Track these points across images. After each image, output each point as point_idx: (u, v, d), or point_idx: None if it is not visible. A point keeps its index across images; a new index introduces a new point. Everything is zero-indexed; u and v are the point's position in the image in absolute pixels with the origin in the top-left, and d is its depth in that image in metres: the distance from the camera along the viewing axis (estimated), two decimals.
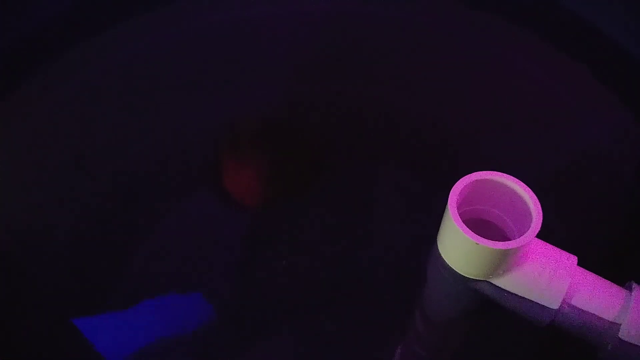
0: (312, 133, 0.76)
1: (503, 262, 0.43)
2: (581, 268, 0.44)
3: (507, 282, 0.44)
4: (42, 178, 0.72)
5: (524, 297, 0.44)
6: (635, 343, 0.42)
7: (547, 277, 0.43)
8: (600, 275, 0.45)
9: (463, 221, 0.42)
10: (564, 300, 0.43)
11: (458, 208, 0.43)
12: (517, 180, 0.44)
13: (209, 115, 0.78)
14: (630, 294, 0.43)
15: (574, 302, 0.43)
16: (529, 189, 0.44)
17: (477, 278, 0.44)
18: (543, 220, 0.43)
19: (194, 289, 0.68)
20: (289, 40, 0.81)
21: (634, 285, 0.44)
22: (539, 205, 0.43)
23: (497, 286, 0.44)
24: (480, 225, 0.46)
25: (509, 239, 0.43)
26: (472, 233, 0.42)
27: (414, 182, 0.73)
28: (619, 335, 0.43)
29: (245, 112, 0.78)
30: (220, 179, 0.73)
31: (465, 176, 0.44)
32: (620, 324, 0.42)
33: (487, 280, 0.44)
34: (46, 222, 0.68)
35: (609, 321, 0.43)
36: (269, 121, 0.77)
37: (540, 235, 0.43)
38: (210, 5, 0.83)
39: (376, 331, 0.65)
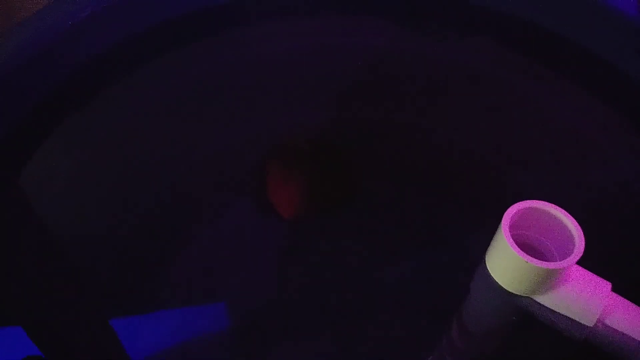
0: (352, 154, 0.82)
1: (546, 281, 0.48)
2: (615, 293, 0.49)
3: (547, 299, 0.49)
4: (102, 187, 0.76)
5: (562, 314, 0.49)
6: None
7: (584, 297, 0.48)
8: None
9: None
10: (598, 319, 0.48)
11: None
12: (562, 209, 0.50)
13: (256, 132, 0.83)
14: None
15: (607, 321, 0.48)
16: (572, 217, 0.49)
17: (520, 294, 0.50)
18: None
19: (228, 296, 0.72)
20: (336, 68, 0.87)
21: None
22: (582, 233, 0.48)
23: (539, 302, 0.49)
24: (523, 248, 0.51)
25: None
26: (523, 253, 0.47)
27: (448, 206, 0.78)
28: None
29: (293, 130, 0.83)
30: (263, 191, 0.78)
31: (518, 202, 0.49)
32: None
33: (530, 296, 0.49)
34: (95, 231, 0.73)
35: (638, 341, 0.48)
36: (313, 140, 0.82)
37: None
38: (263, 36, 0.88)
39: (406, 342, 0.69)
